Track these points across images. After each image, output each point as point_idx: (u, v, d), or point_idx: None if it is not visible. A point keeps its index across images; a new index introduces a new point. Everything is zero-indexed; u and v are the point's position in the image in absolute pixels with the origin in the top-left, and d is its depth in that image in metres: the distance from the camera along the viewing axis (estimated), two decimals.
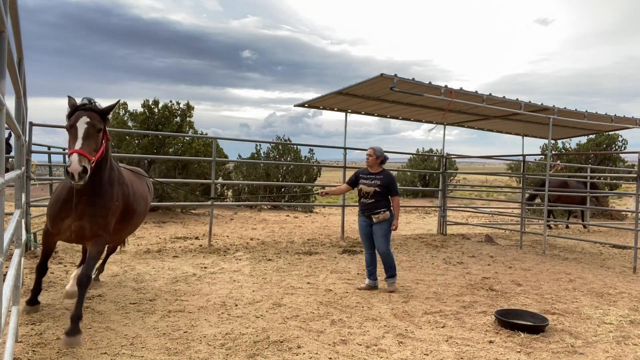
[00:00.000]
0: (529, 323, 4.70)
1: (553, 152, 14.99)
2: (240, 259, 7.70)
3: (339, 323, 4.66)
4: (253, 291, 5.72)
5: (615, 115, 10.80)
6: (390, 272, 6.07)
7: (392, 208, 6.05)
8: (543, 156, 16.03)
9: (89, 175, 3.61)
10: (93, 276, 5.01)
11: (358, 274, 6.90)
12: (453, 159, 17.22)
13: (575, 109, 10.33)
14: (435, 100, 9.78)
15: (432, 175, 25.89)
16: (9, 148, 9.00)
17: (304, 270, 7.06)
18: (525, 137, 14.85)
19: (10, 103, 2.70)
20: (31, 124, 7.23)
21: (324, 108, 11.58)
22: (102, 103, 4.07)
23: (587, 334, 4.58)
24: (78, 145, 3.61)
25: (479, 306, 5.42)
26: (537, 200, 14.80)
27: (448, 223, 12.40)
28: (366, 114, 12.29)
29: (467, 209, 16.77)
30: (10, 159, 7.59)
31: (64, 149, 11.27)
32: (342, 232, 10.51)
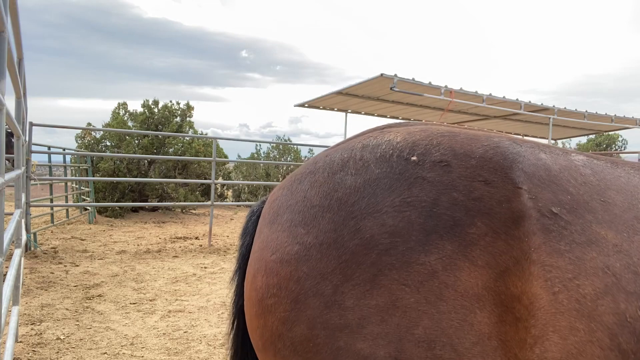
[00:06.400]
0: None
1: None
2: None
3: None
4: None
5: (615, 115, 10.81)
6: None
7: None
8: None
9: None
10: None
11: None
12: None
13: (575, 109, 10.34)
14: (436, 100, 9.79)
15: None
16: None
17: None
18: (525, 138, 14.90)
19: (10, 103, 2.70)
20: (31, 124, 7.24)
21: (324, 108, 11.59)
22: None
23: None
24: None
25: None
26: None
27: None
28: (366, 114, 12.30)
29: None
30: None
31: (64, 149, 11.30)
32: None
